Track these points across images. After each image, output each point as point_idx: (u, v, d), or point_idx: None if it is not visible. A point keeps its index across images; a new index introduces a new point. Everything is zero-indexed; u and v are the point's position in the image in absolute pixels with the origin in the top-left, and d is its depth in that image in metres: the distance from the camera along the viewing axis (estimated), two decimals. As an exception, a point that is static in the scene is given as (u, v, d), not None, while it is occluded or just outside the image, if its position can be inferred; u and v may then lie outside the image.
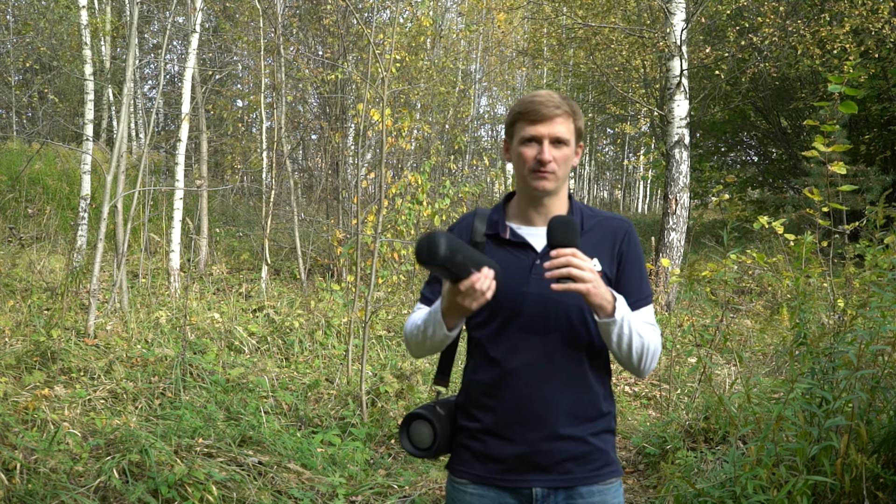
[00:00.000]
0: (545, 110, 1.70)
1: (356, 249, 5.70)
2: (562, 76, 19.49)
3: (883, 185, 7.71)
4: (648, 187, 28.60)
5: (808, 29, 9.76)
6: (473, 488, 1.75)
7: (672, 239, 8.86)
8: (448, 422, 1.80)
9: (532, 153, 1.71)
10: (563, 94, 1.78)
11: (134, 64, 6.88)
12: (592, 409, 1.74)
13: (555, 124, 1.70)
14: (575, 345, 1.71)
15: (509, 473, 1.72)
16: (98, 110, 14.71)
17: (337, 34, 10.81)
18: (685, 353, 6.40)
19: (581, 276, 1.54)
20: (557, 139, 1.71)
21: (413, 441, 1.80)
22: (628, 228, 1.80)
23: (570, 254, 1.55)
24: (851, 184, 4.08)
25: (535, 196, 1.75)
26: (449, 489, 1.82)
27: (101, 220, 5.81)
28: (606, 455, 1.75)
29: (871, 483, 2.91)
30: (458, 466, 1.79)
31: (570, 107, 1.73)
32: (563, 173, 1.74)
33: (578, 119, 1.75)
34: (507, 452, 1.71)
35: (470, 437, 1.77)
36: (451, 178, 11.47)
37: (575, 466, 1.71)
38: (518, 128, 1.74)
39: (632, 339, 1.65)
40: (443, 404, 1.83)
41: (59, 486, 3.25)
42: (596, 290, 1.57)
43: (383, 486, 3.87)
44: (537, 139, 1.71)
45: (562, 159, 1.72)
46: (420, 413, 1.79)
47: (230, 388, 4.87)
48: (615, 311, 1.61)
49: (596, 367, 1.75)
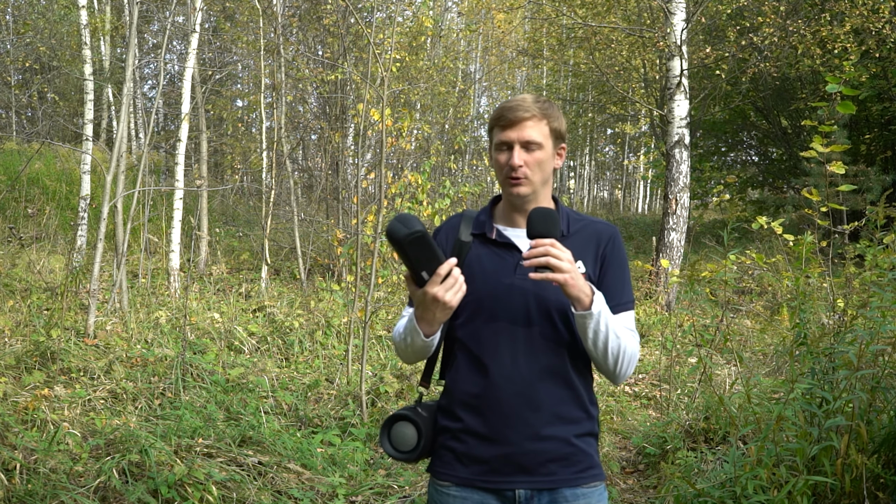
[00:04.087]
0: (513, 115, 1.70)
1: (356, 249, 5.70)
2: (562, 76, 19.49)
3: (883, 185, 7.72)
4: (648, 187, 28.58)
5: (809, 29, 9.75)
6: (456, 490, 1.74)
7: (672, 239, 8.86)
8: (430, 424, 1.78)
9: (504, 158, 1.72)
10: (541, 97, 1.77)
11: (134, 64, 6.88)
12: (576, 410, 1.73)
13: (525, 128, 1.70)
14: (558, 344, 1.71)
15: (492, 475, 1.71)
16: (98, 110, 14.71)
17: (337, 34, 10.80)
18: (685, 353, 6.40)
19: (559, 265, 1.55)
20: (528, 142, 1.70)
21: (394, 443, 1.77)
22: (613, 233, 1.80)
23: (548, 244, 1.56)
24: (851, 184, 4.08)
25: (514, 202, 1.77)
26: (431, 492, 1.80)
27: (100, 220, 5.81)
28: (590, 458, 1.74)
29: (871, 483, 2.91)
30: (440, 469, 1.77)
31: (541, 110, 1.72)
32: (539, 177, 1.73)
33: (554, 120, 1.74)
34: (489, 453, 1.70)
35: (452, 439, 1.76)
36: (451, 178, 11.47)
37: (559, 468, 1.70)
38: (494, 134, 1.75)
39: (608, 338, 1.64)
40: (425, 406, 1.81)
41: (59, 486, 3.24)
42: (574, 282, 1.57)
43: (383, 487, 3.87)
44: (508, 144, 1.71)
45: (534, 163, 1.71)
46: (403, 414, 1.77)
47: (230, 388, 4.87)
48: (592, 305, 1.61)
49: (580, 369, 1.74)
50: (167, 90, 16.79)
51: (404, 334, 1.76)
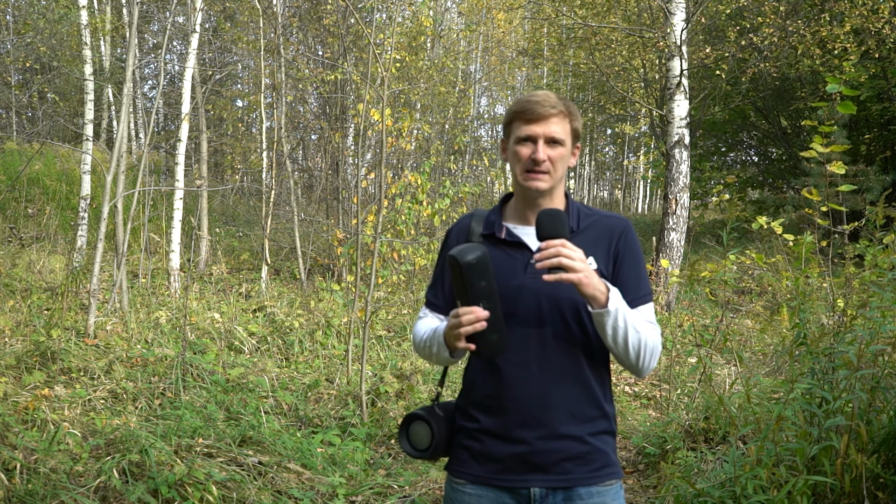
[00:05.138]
0: (541, 109, 1.70)
1: (356, 249, 5.70)
2: (562, 76, 19.48)
3: (883, 185, 7.71)
4: (648, 187, 28.59)
5: (809, 29, 9.75)
6: (472, 488, 1.75)
7: (672, 239, 8.86)
8: (446, 423, 1.80)
9: (527, 152, 1.72)
10: (561, 95, 1.78)
11: (134, 64, 6.88)
12: (591, 408, 1.73)
13: (550, 124, 1.71)
14: (571, 343, 1.71)
15: (507, 473, 1.72)
16: (98, 110, 14.71)
17: (337, 34, 10.80)
18: (685, 353, 6.40)
19: (571, 265, 1.55)
20: (552, 139, 1.71)
21: (412, 442, 1.81)
22: (625, 227, 1.79)
23: (559, 244, 1.56)
24: (851, 184, 4.08)
25: (530, 196, 1.76)
26: (447, 490, 1.82)
27: (100, 220, 5.81)
28: (606, 456, 1.74)
29: (871, 483, 2.91)
30: (456, 467, 1.79)
31: (566, 107, 1.73)
32: (558, 173, 1.74)
33: (575, 120, 1.75)
34: (504, 452, 1.71)
35: (468, 437, 1.77)
36: (451, 178, 11.47)
37: (573, 467, 1.70)
38: (514, 127, 1.75)
39: (627, 334, 1.64)
40: (442, 406, 1.84)
41: (59, 486, 3.25)
42: (588, 280, 1.57)
43: (383, 486, 3.87)
44: (532, 138, 1.71)
45: (556, 159, 1.72)
46: (418, 414, 1.81)
47: (230, 388, 4.87)
48: (608, 302, 1.60)
49: (594, 367, 1.74)
50: (167, 90, 16.80)
51: (429, 343, 1.79)
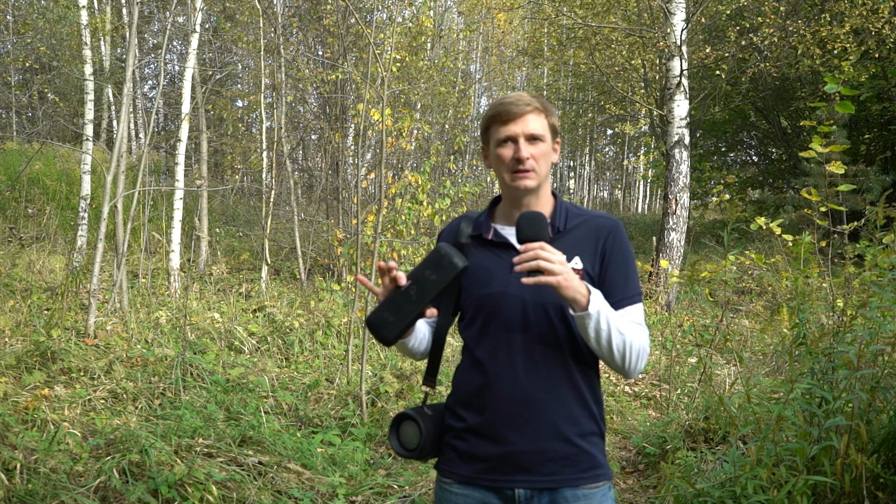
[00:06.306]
0: (516, 109, 1.71)
1: (356, 249, 5.70)
2: (562, 76, 19.49)
3: (883, 185, 7.70)
4: (648, 187, 28.59)
5: (809, 29, 9.76)
6: (458, 488, 1.76)
7: (672, 239, 8.87)
8: (434, 423, 1.81)
9: (509, 153, 1.72)
10: (533, 93, 1.80)
11: (134, 64, 6.88)
12: (578, 409, 1.73)
13: (528, 121, 1.71)
14: (557, 344, 1.71)
15: (493, 473, 1.72)
16: (98, 110, 14.71)
17: (337, 34, 10.80)
18: (685, 353, 6.40)
19: (550, 268, 1.54)
20: (532, 136, 1.72)
21: (402, 441, 1.82)
22: (614, 226, 1.78)
23: (537, 247, 1.55)
24: (851, 184, 4.08)
25: (517, 196, 1.76)
26: (436, 489, 1.83)
27: (101, 220, 5.81)
28: (593, 458, 1.73)
29: (871, 483, 2.91)
30: (444, 466, 1.80)
31: (541, 104, 1.74)
32: (543, 170, 1.74)
33: (551, 115, 1.76)
34: (490, 452, 1.72)
35: (456, 437, 1.78)
36: (451, 178, 11.46)
37: (559, 468, 1.70)
38: (493, 131, 1.76)
39: (611, 336, 1.62)
40: (432, 406, 1.85)
41: (59, 486, 3.25)
42: (567, 283, 1.56)
43: (383, 486, 3.87)
44: (512, 138, 1.72)
45: (539, 155, 1.72)
46: (408, 414, 1.81)
47: (230, 388, 4.87)
48: (589, 305, 1.59)
49: (581, 368, 1.74)
50: (167, 90, 16.79)
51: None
